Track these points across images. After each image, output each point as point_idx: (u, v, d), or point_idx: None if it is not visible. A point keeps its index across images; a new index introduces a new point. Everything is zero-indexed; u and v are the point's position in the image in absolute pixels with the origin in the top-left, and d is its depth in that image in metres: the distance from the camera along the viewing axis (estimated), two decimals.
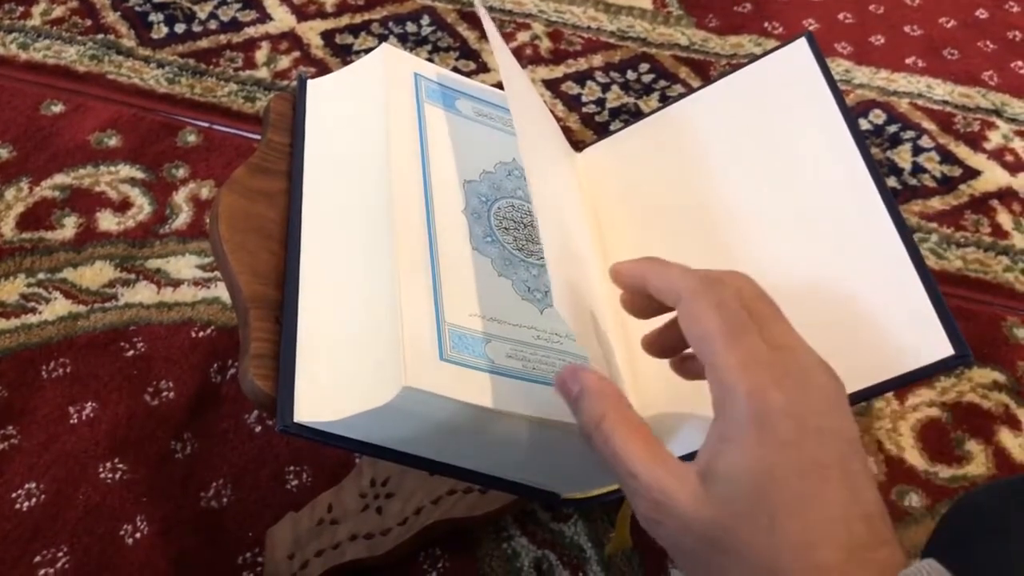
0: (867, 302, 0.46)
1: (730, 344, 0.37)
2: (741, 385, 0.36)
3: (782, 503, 0.34)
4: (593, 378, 0.40)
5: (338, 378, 0.44)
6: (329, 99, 0.58)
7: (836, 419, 0.36)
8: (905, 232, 0.47)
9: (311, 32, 1.15)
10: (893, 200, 0.49)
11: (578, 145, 0.65)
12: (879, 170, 0.50)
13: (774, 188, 0.52)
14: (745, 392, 0.36)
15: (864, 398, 0.45)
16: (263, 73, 1.09)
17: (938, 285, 0.46)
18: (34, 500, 0.73)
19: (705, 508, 0.36)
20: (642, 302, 0.43)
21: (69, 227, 0.91)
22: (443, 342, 0.43)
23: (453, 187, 0.51)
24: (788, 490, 0.35)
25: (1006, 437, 0.82)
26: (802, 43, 0.56)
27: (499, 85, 0.61)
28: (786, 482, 0.35)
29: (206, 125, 1.02)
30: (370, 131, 0.53)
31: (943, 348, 0.44)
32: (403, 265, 0.45)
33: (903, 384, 0.44)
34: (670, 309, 0.41)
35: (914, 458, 0.80)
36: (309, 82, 0.59)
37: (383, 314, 0.44)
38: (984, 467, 0.80)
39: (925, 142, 1.07)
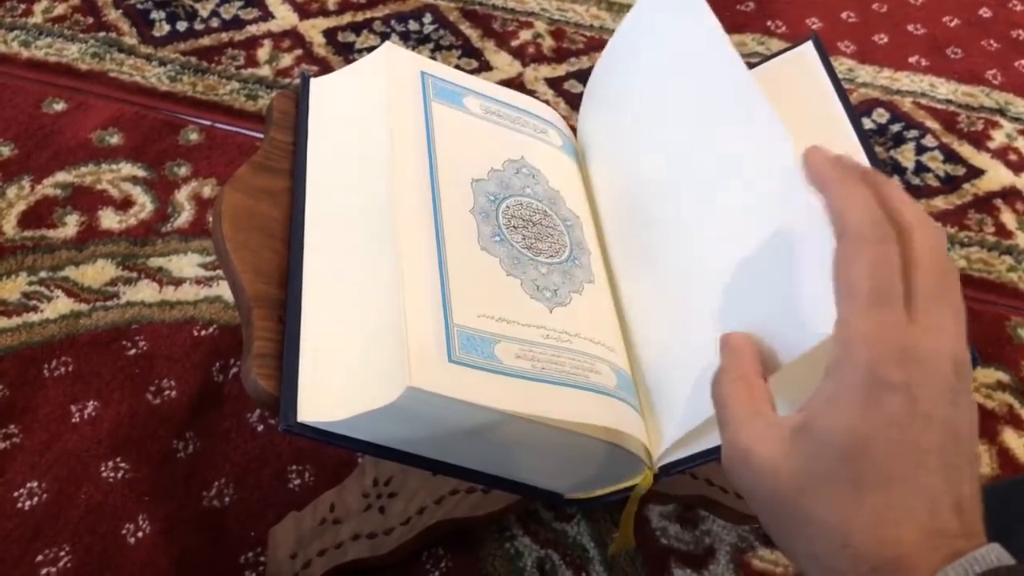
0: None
1: (870, 310, 0.35)
2: (864, 354, 0.35)
3: (871, 476, 0.34)
4: (736, 337, 0.41)
5: (342, 378, 0.44)
6: (332, 98, 0.58)
7: (948, 410, 0.35)
8: None
9: (313, 30, 1.15)
10: None
11: None
12: (885, 171, 0.49)
13: (733, 175, 0.51)
14: (865, 362, 0.35)
15: None
16: (265, 71, 1.09)
17: None
18: (36, 499, 0.73)
19: (789, 463, 0.35)
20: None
21: (71, 225, 0.91)
22: (451, 344, 0.43)
23: (461, 186, 0.51)
24: (881, 465, 0.34)
25: (1010, 437, 0.82)
26: (808, 46, 0.56)
27: (500, 85, 0.61)
28: (881, 457, 0.34)
29: (208, 123, 1.02)
30: (374, 130, 0.53)
31: None
32: (407, 264, 0.45)
33: None
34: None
35: None
36: (312, 80, 0.59)
37: (387, 314, 0.44)
38: (988, 467, 0.79)
39: (928, 141, 1.07)
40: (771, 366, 0.41)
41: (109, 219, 0.92)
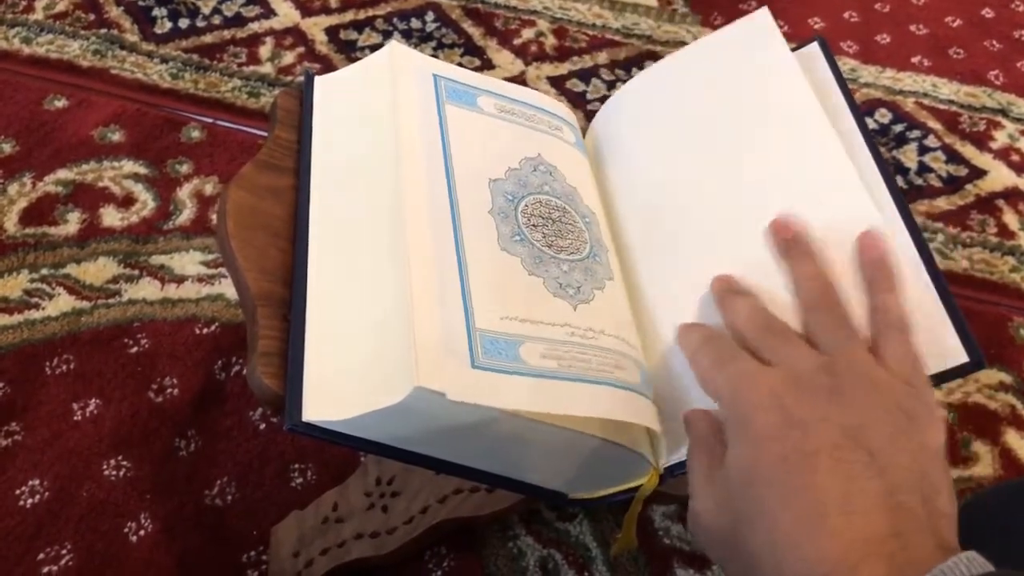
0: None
1: (719, 371, 0.40)
2: (725, 395, 0.39)
3: (770, 496, 0.35)
4: (697, 415, 0.43)
5: (347, 377, 0.44)
6: (337, 96, 0.57)
7: (830, 409, 0.36)
8: (918, 235, 0.47)
9: (315, 28, 1.15)
10: (906, 204, 0.48)
11: None
12: (891, 173, 0.49)
13: (783, 188, 0.51)
14: (728, 400, 0.39)
15: None
16: (267, 69, 1.09)
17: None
18: (37, 497, 0.72)
19: (720, 510, 0.37)
20: None
21: (72, 222, 0.91)
22: (474, 349, 0.42)
23: (479, 187, 0.50)
24: (773, 481, 0.35)
25: (1013, 438, 0.81)
26: (814, 46, 0.56)
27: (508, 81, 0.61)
28: (770, 474, 0.35)
29: (210, 121, 1.02)
30: (380, 129, 0.53)
31: (957, 355, 0.43)
32: (415, 262, 0.45)
33: None
34: None
35: None
36: (316, 79, 0.59)
37: (393, 313, 0.44)
38: (990, 468, 0.79)
39: (931, 141, 1.07)
40: None
41: (111, 216, 0.91)
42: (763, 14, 0.57)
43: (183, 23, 1.13)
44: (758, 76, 0.55)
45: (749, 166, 0.52)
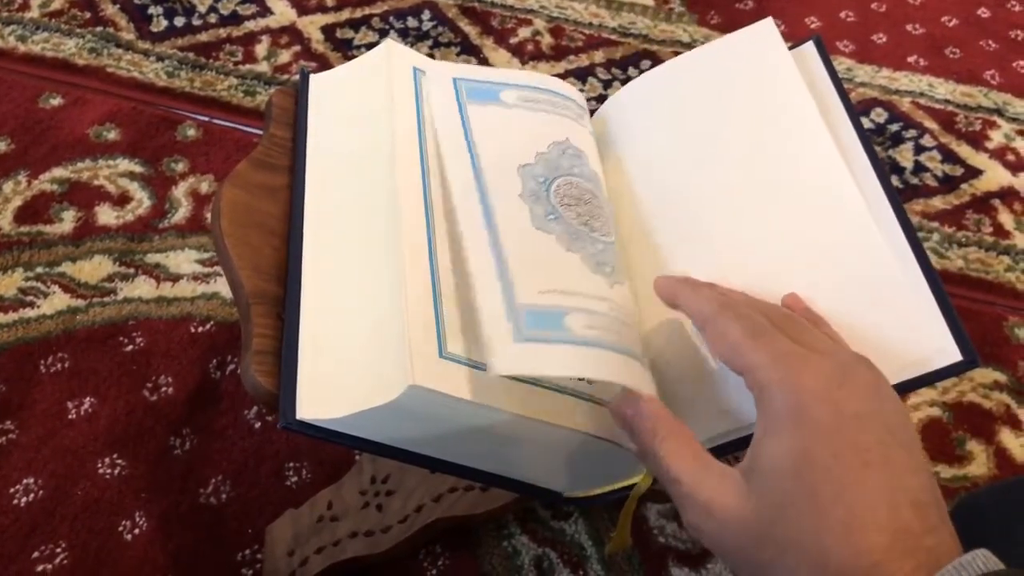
0: (873, 305, 0.46)
1: (756, 344, 0.38)
2: (774, 376, 0.37)
3: (823, 487, 0.34)
4: (645, 402, 0.42)
5: (341, 375, 0.43)
6: (332, 94, 0.57)
7: (875, 405, 0.36)
8: (912, 234, 0.47)
9: (311, 26, 1.15)
10: (900, 203, 0.48)
11: None
12: (886, 172, 0.50)
13: (776, 189, 0.51)
14: (778, 382, 0.36)
15: None
16: (263, 67, 1.09)
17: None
18: (32, 495, 0.72)
19: (748, 505, 0.36)
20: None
21: (68, 221, 0.91)
22: (519, 324, 0.42)
23: (508, 175, 0.50)
24: (828, 474, 0.34)
25: (1007, 437, 0.82)
26: (809, 46, 0.56)
27: None
28: (826, 468, 0.34)
29: (206, 119, 1.02)
30: (375, 127, 0.52)
31: (951, 353, 0.43)
32: (409, 261, 0.45)
33: (910, 389, 0.44)
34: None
35: None
36: (312, 77, 0.59)
37: (388, 311, 0.44)
38: (985, 467, 0.79)
39: (927, 141, 1.07)
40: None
41: (106, 215, 0.91)
42: (767, 24, 0.57)
43: (179, 21, 1.13)
44: (761, 87, 0.55)
45: (749, 176, 0.52)
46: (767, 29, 0.57)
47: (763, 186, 0.51)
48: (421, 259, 0.45)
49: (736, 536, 0.36)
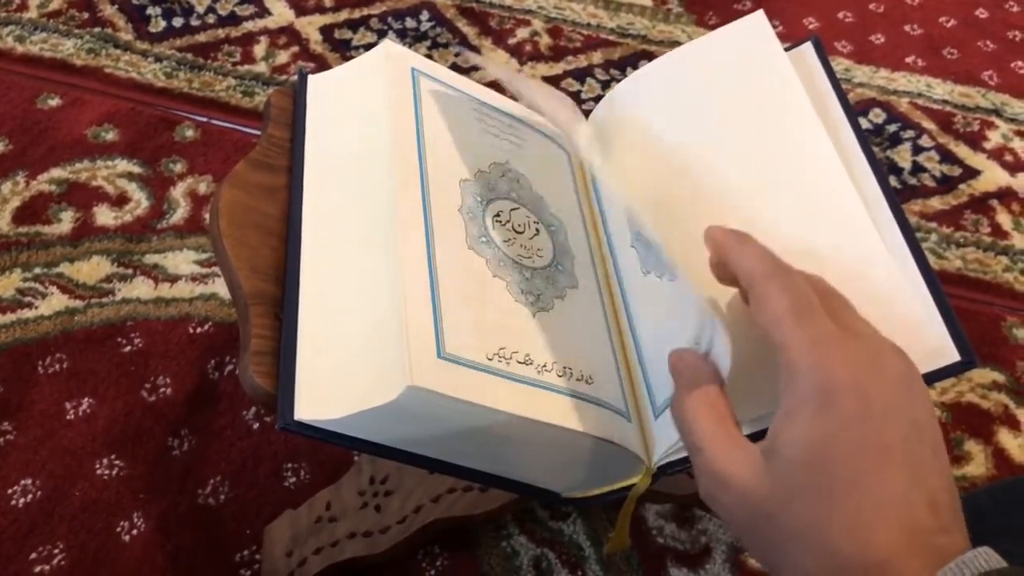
0: (871, 305, 0.46)
1: (799, 323, 0.37)
2: (807, 360, 0.36)
3: (839, 480, 0.34)
4: (690, 358, 0.41)
5: (340, 376, 0.43)
6: (330, 95, 0.57)
7: (904, 400, 0.36)
8: (909, 234, 0.47)
9: (310, 27, 1.15)
10: (898, 203, 0.48)
11: None
12: (884, 173, 0.50)
13: (777, 188, 0.51)
14: (809, 366, 0.36)
15: None
16: (261, 68, 1.09)
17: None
18: (30, 496, 0.72)
19: (764, 483, 0.36)
20: (724, 271, 0.43)
21: (66, 221, 0.91)
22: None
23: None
24: (846, 467, 0.34)
25: (1006, 437, 0.82)
26: (808, 46, 0.56)
27: (495, 83, 0.61)
28: (845, 458, 0.34)
29: (204, 120, 1.02)
30: (374, 128, 0.52)
31: (949, 353, 0.43)
32: (407, 263, 0.45)
33: None
34: None
35: None
36: (310, 77, 0.59)
37: (386, 312, 0.44)
38: (984, 467, 0.79)
39: (925, 141, 1.07)
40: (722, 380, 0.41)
41: (104, 215, 0.91)
42: (758, 17, 0.57)
43: (177, 22, 1.13)
44: (753, 82, 0.55)
45: (744, 176, 0.52)
46: (758, 23, 0.56)
47: (759, 184, 0.51)
48: (419, 259, 0.45)
49: (748, 513, 0.36)
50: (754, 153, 0.52)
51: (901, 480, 0.34)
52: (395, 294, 0.44)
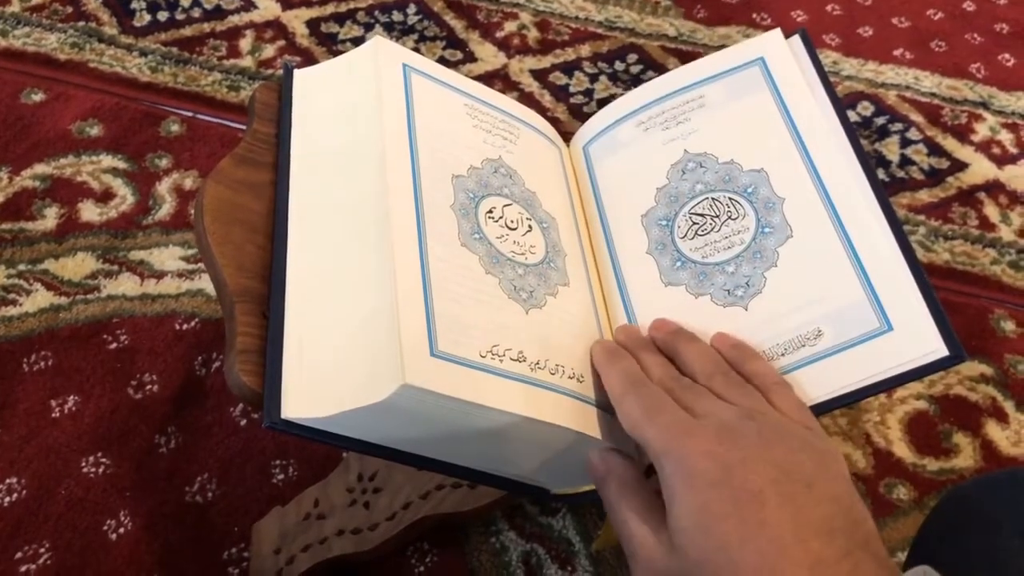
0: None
1: (651, 422, 0.41)
2: (662, 447, 0.39)
3: (729, 535, 0.36)
4: (612, 461, 0.45)
5: (328, 374, 0.43)
6: (317, 90, 0.57)
7: (759, 450, 0.38)
8: (898, 227, 0.47)
9: (296, 21, 1.14)
10: (887, 197, 0.48)
11: (567, 137, 0.64)
12: (872, 165, 0.50)
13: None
14: (666, 452, 0.39)
15: (856, 399, 0.44)
16: (247, 62, 1.08)
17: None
18: (15, 495, 0.72)
19: (673, 562, 0.38)
20: None
21: (50, 218, 0.90)
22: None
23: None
24: (730, 522, 0.36)
25: (993, 430, 0.82)
26: (795, 39, 0.56)
27: (484, 76, 0.61)
28: (725, 515, 0.36)
29: (190, 114, 1.01)
30: (363, 124, 0.52)
31: (937, 348, 0.43)
32: (399, 260, 0.44)
33: (896, 384, 0.44)
34: None
35: (902, 451, 0.80)
36: (296, 72, 0.58)
37: (375, 310, 0.43)
38: (972, 460, 0.80)
39: (913, 134, 1.07)
40: None
41: (89, 211, 0.90)
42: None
43: (162, 16, 1.12)
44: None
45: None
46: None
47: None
48: (412, 256, 0.45)
49: None
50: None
51: (785, 519, 0.36)
52: (386, 291, 0.43)
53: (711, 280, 0.50)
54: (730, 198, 0.52)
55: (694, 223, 0.52)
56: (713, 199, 0.52)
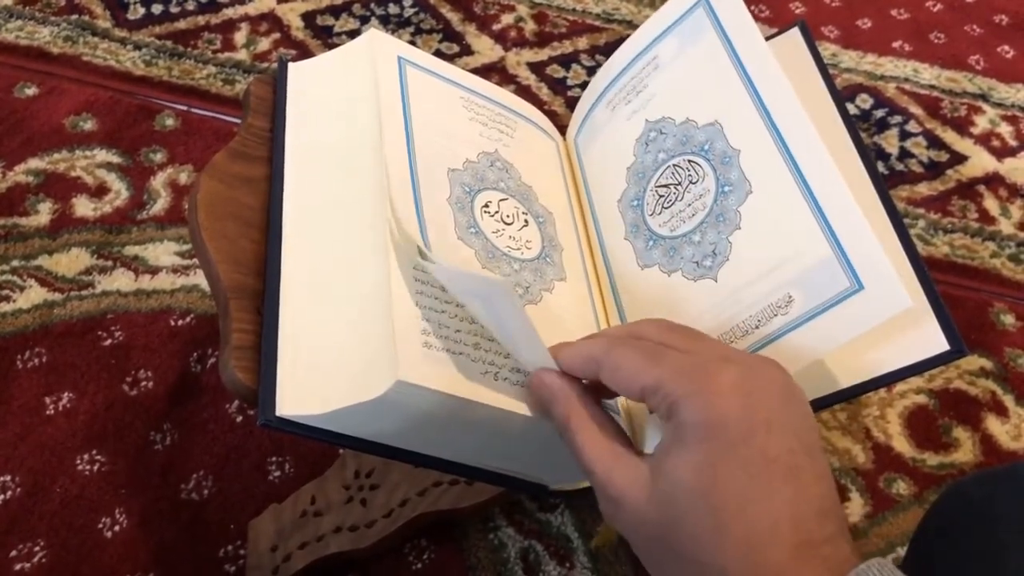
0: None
1: (656, 363, 0.37)
2: (681, 391, 0.36)
3: (725, 503, 0.34)
4: (557, 382, 0.41)
5: (323, 371, 0.43)
6: (312, 84, 0.56)
7: (784, 412, 0.36)
8: (898, 220, 0.47)
9: (291, 13, 1.13)
10: (886, 189, 0.48)
11: (564, 130, 0.64)
12: (872, 159, 0.49)
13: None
14: (686, 396, 0.35)
15: (856, 394, 0.44)
16: (242, 55, 1.07)
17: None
18: (9, 493, 0.71)
19: (652, 506, 0.36)
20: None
21: (44, 213, 0.89)
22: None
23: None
24: (732, 489, 0.34)
25: (993, 424, 0.82)
26: (794, 31, 0.56)
27: (481, 69, 0.60)
28: (730, 481, 0.34)
29: (184, 108, 1.00)
30: (358, 118, 0.51)
31: (938, 343, 0.43)
32: (394, 256, 0.44)
33: (897, 379, 0.43)
34: None
35: (901, 445, 0.80)
36: (290, 65, 0.58)
37: (371, 305, 0.43)
38: (971, 454, 0.79)
39: (912, 127, 1.07)
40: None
41: (83, 206, 0.90)
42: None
43: (156, 8, 1.11)
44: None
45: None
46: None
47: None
48: (408, 252, 0.45)
49: (640, 533, 0.37)
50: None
51: (788, 493, 0.34)
52: (381, 287, 0.43)
53: (680, 254, 0.48)
54: (689, 160, 0.50)
55: (660, 196, 0.50)
56: (675, 166, 0.50)
